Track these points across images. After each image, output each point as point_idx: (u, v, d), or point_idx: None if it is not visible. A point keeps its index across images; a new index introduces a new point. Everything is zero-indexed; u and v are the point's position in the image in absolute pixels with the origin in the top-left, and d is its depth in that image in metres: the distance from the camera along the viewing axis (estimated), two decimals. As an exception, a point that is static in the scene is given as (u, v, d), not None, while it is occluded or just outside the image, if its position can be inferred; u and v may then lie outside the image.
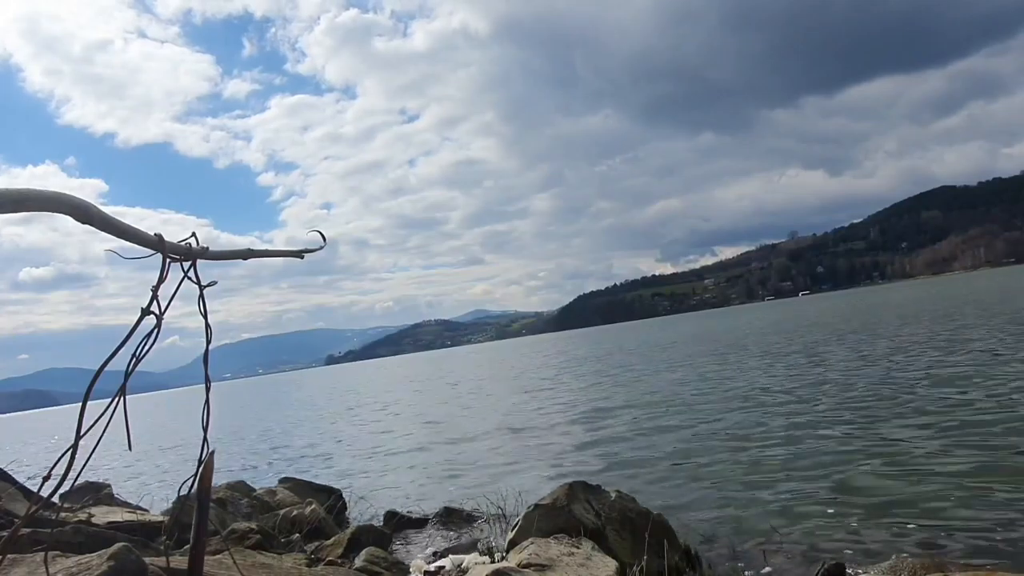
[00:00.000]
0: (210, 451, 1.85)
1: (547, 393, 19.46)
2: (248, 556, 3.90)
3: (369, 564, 4.67)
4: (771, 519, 5.47)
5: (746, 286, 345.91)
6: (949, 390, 9.83)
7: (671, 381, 17.45)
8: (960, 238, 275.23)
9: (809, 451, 7.55)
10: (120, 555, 2.91)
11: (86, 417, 1.37)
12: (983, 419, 7.69)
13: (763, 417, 10.01)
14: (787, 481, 6.52)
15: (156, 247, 1.51)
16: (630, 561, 4.17)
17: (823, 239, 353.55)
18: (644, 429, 10.62)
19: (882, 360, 14.71)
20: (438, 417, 17.13)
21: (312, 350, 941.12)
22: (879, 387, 11.13)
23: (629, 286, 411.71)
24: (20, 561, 3.08)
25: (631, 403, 14.06)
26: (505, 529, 5.76)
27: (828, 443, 7.76)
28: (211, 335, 1.78)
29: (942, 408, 8.67)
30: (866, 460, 6.79)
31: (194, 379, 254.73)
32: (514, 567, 3.85)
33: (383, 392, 34.43)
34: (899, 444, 7.23)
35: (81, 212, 1.26)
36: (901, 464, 6.47)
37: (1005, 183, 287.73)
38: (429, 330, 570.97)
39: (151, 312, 1.50)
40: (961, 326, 20.44)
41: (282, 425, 22.25)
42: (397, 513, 6.84)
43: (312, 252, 2.05)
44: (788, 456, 7.46)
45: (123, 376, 1.51)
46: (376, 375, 68.67)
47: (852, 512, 5.36)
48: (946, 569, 3.72)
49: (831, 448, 7.51)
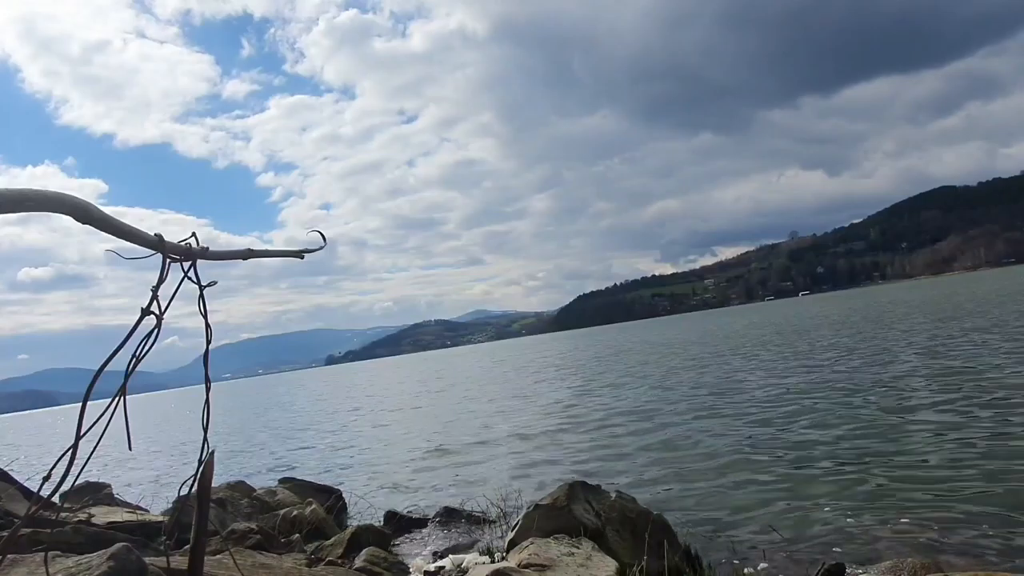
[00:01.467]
0: (210, 451, 1.85)
1: (547, 394, 19.45)
2: (248, 556, 3.90)
3: (369, 564, 4.67)
4: (771, 519, 5.47)
5: (746, 286, 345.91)
6: (950, 389, 9.84)
7: (671, 381, 17.44)
8: (960, 238, 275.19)
9: (809, 451, 7.54)
10: (120, 555, 2.91)
11: (86, 417, 1.36)
12: (984, 419, 7.70)
13: (763, 417, 10.01)
14: (787, 481, 6.52)
15: (156, 247, 1.51)
16: (630, 561, 4.17)
17: (823, 239, 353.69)
18: (644, 429, 10.62)
19: (883, 361, 14.71)
20: (439, 417, 17.12)
21: (312, 350, 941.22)
22: (880, 387, 11.13)
23: (629, 286, 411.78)
24: (20, 561, 3.08)
25: (631, 403, 14.05)
26: (505, 529, 5.76)
27: (828, 443, 7.76)
28: (211, 335, 1.78)
29: (942, 408, 8.67)
30: (866, 460, 6.79)
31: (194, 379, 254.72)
32: (514, 567, 3.85)
33: (383, 392, 34.42)
34: (899, 444, 7.23)
35: (81, 212, 1.26)
36: (901, 464, 6.47)
37: (1005, 183, 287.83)
38: (429, 330, 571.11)
39: (151, 312, 1.50)
40: (969, 327, 20.43)
41: (282, 425, 22.25)
42: (397, 513, 6.84)
43: (312, 252, 2.05)
44: (788, 456, 7.46)
45: (123, 376, 1.51)
46: (376, 375, 68.67)
47: (852, 512, 5.36)
48: (946, 569, 3.72)
49: (831, 448, 7.51)
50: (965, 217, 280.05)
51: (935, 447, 6.89)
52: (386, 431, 15.99)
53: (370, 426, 17.78)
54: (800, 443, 7.99)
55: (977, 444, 6.72)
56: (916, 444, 7.11)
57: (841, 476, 6.38)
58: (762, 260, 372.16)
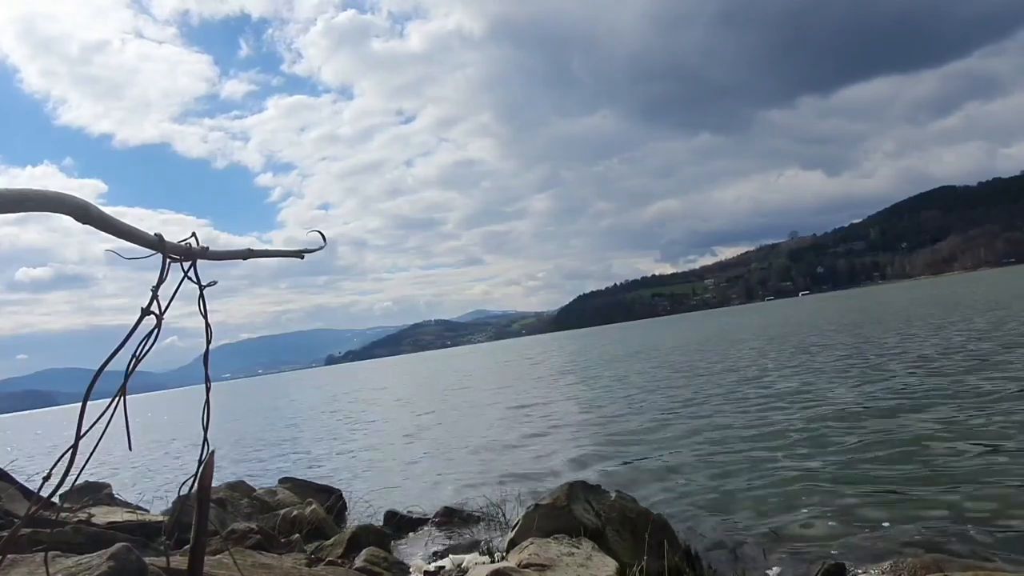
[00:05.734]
0: (210, 451, 1.84)
1: (547, 394, 19.45)
2: (248, 556, 3.90)
3: (369, 564, 4.67)
4: (771, 519, 5.47)
5: (746, 286, 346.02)
6: (951, 390, 9.84)
7: (671, 381, 17.44)
8: (960, 238, 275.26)
9: (809, 451, 7.54)
10: (120, 555, 2.91)
11: (86, 417, 1.36)
12: (983, 420, 7.70)
13: (763, 418, 10.00)
14: (787, 481, 6.51)
15: (156, 247, 1.51)
16: (630, 561, 4.17)
17: (823, 239, 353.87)
18: (644, 429, 10.61)
19: (884, 361, 14.70)
20: (439, 417, 17.12)
21: (312, 350, 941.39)
22: (880, 386, 11.13)
23: (629, 286, 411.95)
24: (20, 561, 3.08)
25: (631, 403, 14.05)
26: (505, 529, 5.76)
27: (828, 444, 7.76)
28: (211, 335, 1.77)
29: (942, 408, 8.67)
30: (866, 461, 6.79)
31: (193, 379, 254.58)
32: (514, 567, 3.85)
33: (384, 392, 34.42)
34: (900, 445, 7.22)
35: (81, 212, 1.26)
36: (901, 464, 6.47)
37: (1005, 183, 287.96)
38: (429, 330, 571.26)
39: (151, 312, 1.49)
40: (972, 327, 20.42)
41: (282, 425, 22.24)
42: (397, 513, 6.84)
43: (312, 252, 2.04)
44: (788, 457, 7.46)
45: (123, 376, 1.51)
46: (377, 375, 68.65)
47: (852, 512, 5.35)
48: (946, 569, 3.72)
49: (831, 449, 7.50)
50: (965, 217, 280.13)
51: (935, 447, 6.88)
52: (387, 431, 15.98)
53: (370, 426, 17.78)
54: (800, 443, 7.99)
55: (977, 444, 6.71)
56: (916, 444, 7.10)
57: (841, 476, 6.38)
58: (762, 260, 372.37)
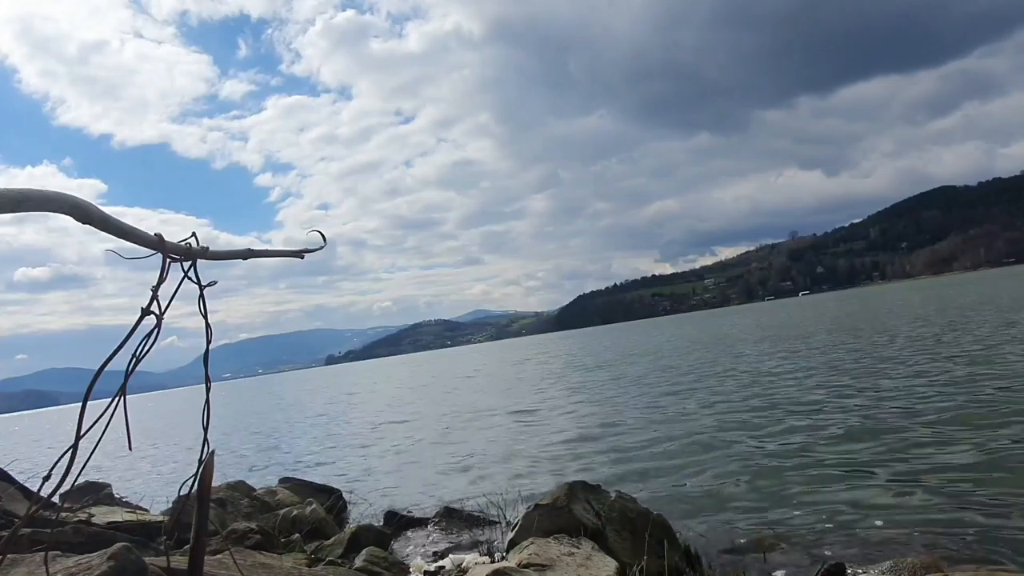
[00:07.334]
0: (210, 451, 1.84)
1: (548, 393, 19.45)
2: (248, 556, 3.90)
3: (369, 564, 4.66)
4: (771, 519, 5.47)
5: (746, 286, 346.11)
6: (950, 391, 9.84)
7: (670, 381, 17.44)
8: (960, 238, 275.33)
9: (810, 452, 7.55)
10: (120, 555, 2.91)
11: (86, 417, 1.36)
12: (983, 420, 7.69)
13: (763, 418, 10.01)
14: (787, 481, 6.52)
15: (156, 247, 1.51)
16: (630, 561, 4.17)
17: (823, 239, 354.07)
18: (644, 429, 10.61)
19: (886, 363, 14.70)
20: (440, 417, 17.12)
21: (312, 350, 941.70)
22: (881, 386, 11.13)
23: (629, 286, 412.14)
24: (20, 561, 3.08)
25: (631, 403, 14.05)
26: (505, 529, 5.76)
27: (828, 444, 7.76)
28: (211, 335, 1.77)
29: (941, 410, 8.67)
30: (867, 461, 6.79)
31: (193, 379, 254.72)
32: (514, 567, 3.85)
33: (384, 392, 34.42)
34: (900, 445, 7.22)
35: (81, 212, 1.26)
36: (902, 464, 6.47)
37: (1005, 183, 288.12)
38: (429, 330, 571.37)
39: (151, 312, 1.49)
40: (977, 328, 20.43)
41: (282, 425, 22.25)
42: (397, 513, 6.84)
43: (312, 252, 2.04)
44: (788, 457, 7.46)
45: (123, 376, 1.51)
46: (377, 375, 68.64)
47: (852, 512, 5.36)
48: (946, 569, 3.72)
49: (832, 449, 7.51)
50: (965, 217, 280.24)
51: (935, 447, 6.88)
52: (387, 431, 15.98)
53: (370, 426, 17.78)
54: (800, 444, 7.99)
55: (977, 444, 6.71)
56: (916, 445, 7.10)
57: (841, 476, 6.38)
58: (762, 260, 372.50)
